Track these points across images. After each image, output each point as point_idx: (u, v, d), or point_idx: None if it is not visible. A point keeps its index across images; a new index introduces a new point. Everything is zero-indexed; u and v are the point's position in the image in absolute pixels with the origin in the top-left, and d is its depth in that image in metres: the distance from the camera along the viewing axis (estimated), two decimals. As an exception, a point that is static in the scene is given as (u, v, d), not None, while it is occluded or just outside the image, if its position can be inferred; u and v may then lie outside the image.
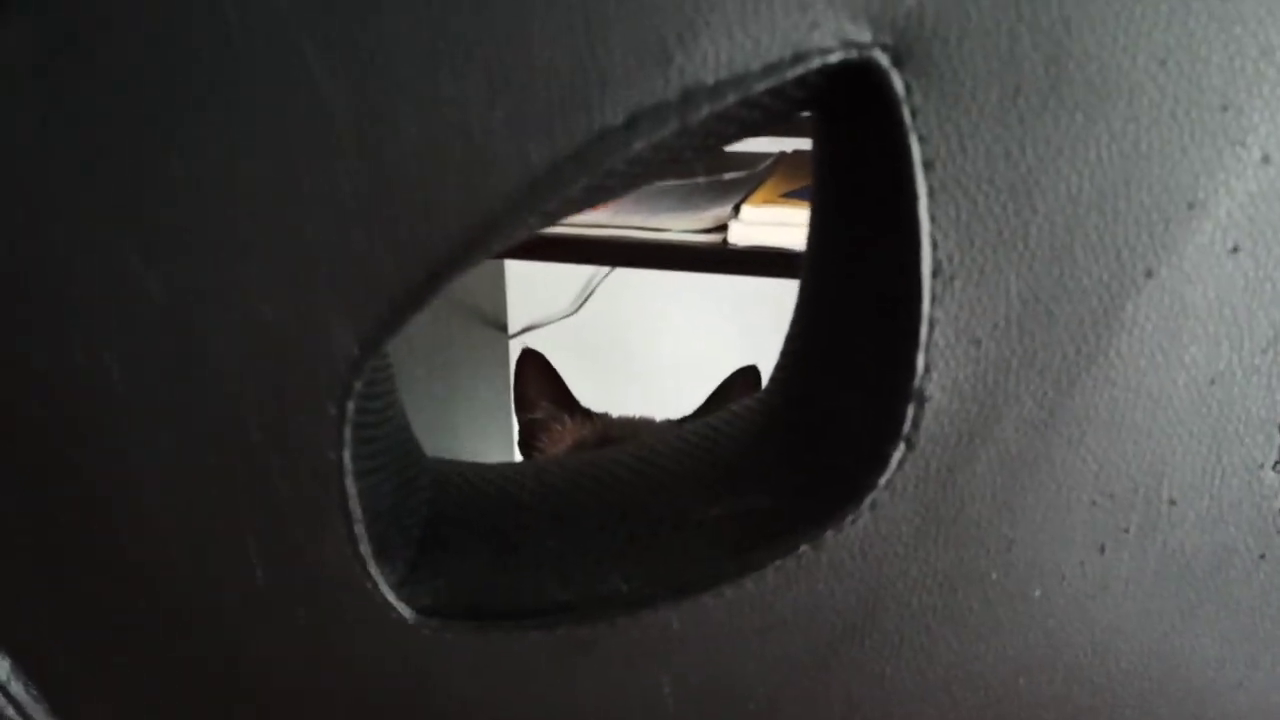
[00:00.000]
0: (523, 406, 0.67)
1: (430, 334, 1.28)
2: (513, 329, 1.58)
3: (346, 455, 0.18)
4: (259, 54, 0.15)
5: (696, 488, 0.21)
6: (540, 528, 0.21)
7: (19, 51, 0.15)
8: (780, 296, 1.04)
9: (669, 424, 0.64)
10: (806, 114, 0.18)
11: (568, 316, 1.53)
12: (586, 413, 0.66)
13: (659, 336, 1.53)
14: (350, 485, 0.18)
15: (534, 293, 1.54)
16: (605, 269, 1.46)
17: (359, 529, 0.19)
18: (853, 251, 0.19)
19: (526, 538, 0.21)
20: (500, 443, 1.54)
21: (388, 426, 0.21)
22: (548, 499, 0.22)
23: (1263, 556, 0.20)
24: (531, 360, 0.67)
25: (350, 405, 0.18)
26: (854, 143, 0.18)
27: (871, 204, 0.18)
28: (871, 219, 0.18)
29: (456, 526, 0.22)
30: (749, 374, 0.63)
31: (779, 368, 0.22)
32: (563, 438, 0.64)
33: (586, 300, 1.51)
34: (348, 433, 0.18)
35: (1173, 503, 0.19)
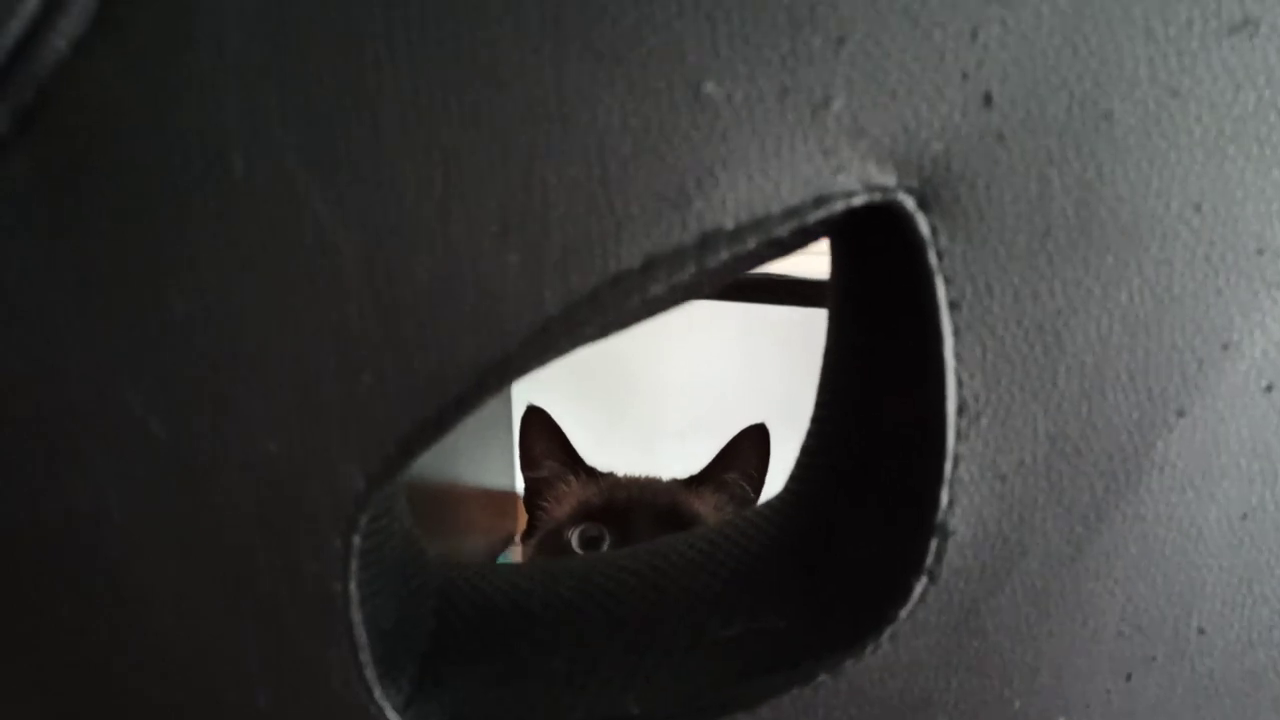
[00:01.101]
0: (528, 464, 0.67)
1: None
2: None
3: (352, 585, 0.18)
4: (264, 198, 0.15)
5: (709, 605, 0.21)
6: (548, 643, 0.21)
7: (23, 187, 0.15)
8: (783, 322, 1.03)
9: (675, 485, 0.64)
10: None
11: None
12: (591, 472, 0.65)
13: (663, 358, 1.53)
14: (355, 613, 0.18)
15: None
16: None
17: (364, 655, 0.18)
18: (874, 379, 0.19)
19: (534, 654, 0.21)
20: (500, 465, 1.53)
21: (393, 544, 0.20)
22: (556, 611, 0.21)
23: (1294, 683, 0.19)
24: (536, 418, 0.67)
25: (356, 539, 0.17)
26: (877, 276, 0.17)
27: (895, 336, 0.17)
28: (895, 351, 0.17)
29: (462, 641, 0.21)
30: (758, 433, 0.62)
31: (795, 479, 0.21)
32: (567, 497, 0.63)
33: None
34: (354, 564, 0.17)
35: (1202, 631, 0.19)
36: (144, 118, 0.14)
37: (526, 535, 0.66)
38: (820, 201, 0.15)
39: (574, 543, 0.60)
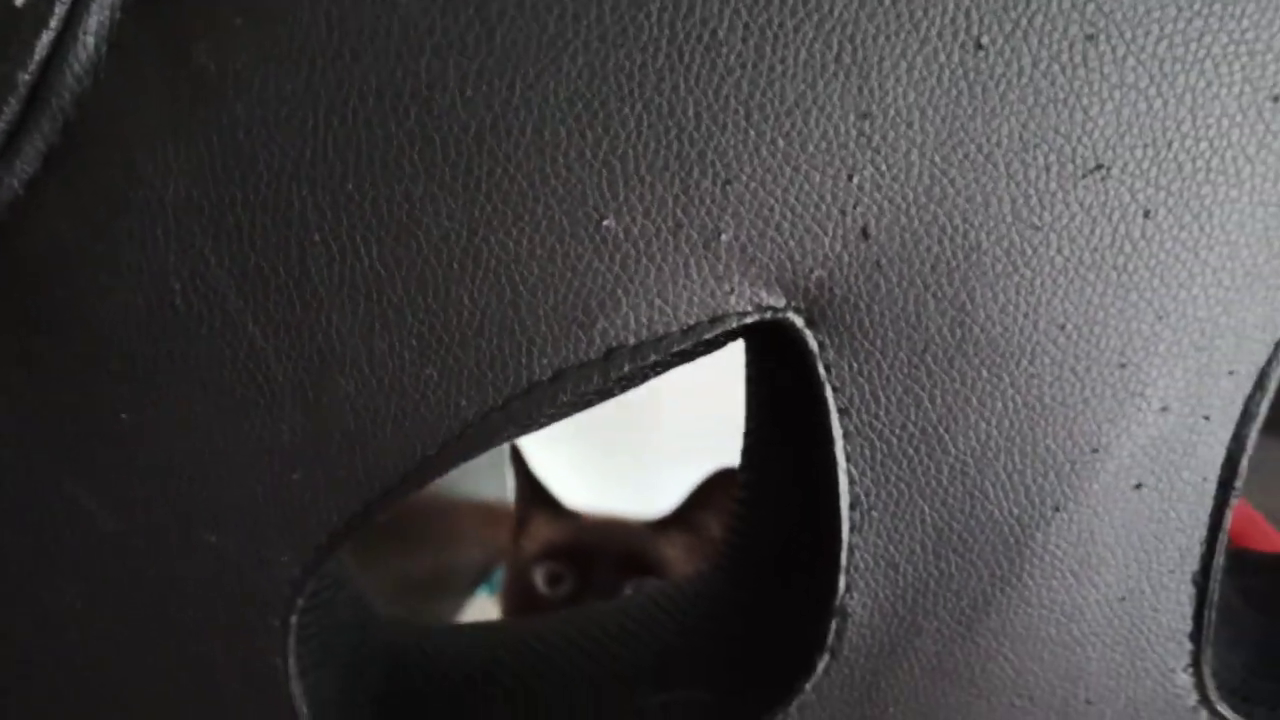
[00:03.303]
0: (519, 501, 0.68)
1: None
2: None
3: (291, 660, 0.19)
4: (202, 326, 0.16)
5: (641, 675, 0.22)
6: (486, 709, 0.22)
7: None
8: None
9: (643, 528, 0.65)
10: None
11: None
12: (559, 510, 0.67)
13: (662, 383, 1.53)
14: (295, 686, 0.19)
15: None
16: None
17: None
18: (784, 467, 0.20)
19: (478, 717, 0.22)
20: (493, 475, 1.54)
21: (337, 613, 0.21)
22: (500, 679, 0.23)
23: (1180, 748, 0.21)
24: (519, 457, 0.68)
25: (294, 619, 0.18)
26: (783, 378, 0.18)
27: (797, 433, 0.19)
28: (798, 446, 0.19)
29: (409, 707, 0.22)
30: (727, 478, 0.63)
31: (724, 554, 0.23)
32: (536, 536, 0.65)
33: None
34: (291, 641, 0.19)
35: (1089, 702, 0.20)
36: (91, 254, 0.15)
37: (508, 565, 0.68)
38: (716, 320, 0.16)
39: (539, 581, 0.62)
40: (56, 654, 0.19)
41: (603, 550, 0.61)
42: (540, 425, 0.18)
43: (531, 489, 0.67)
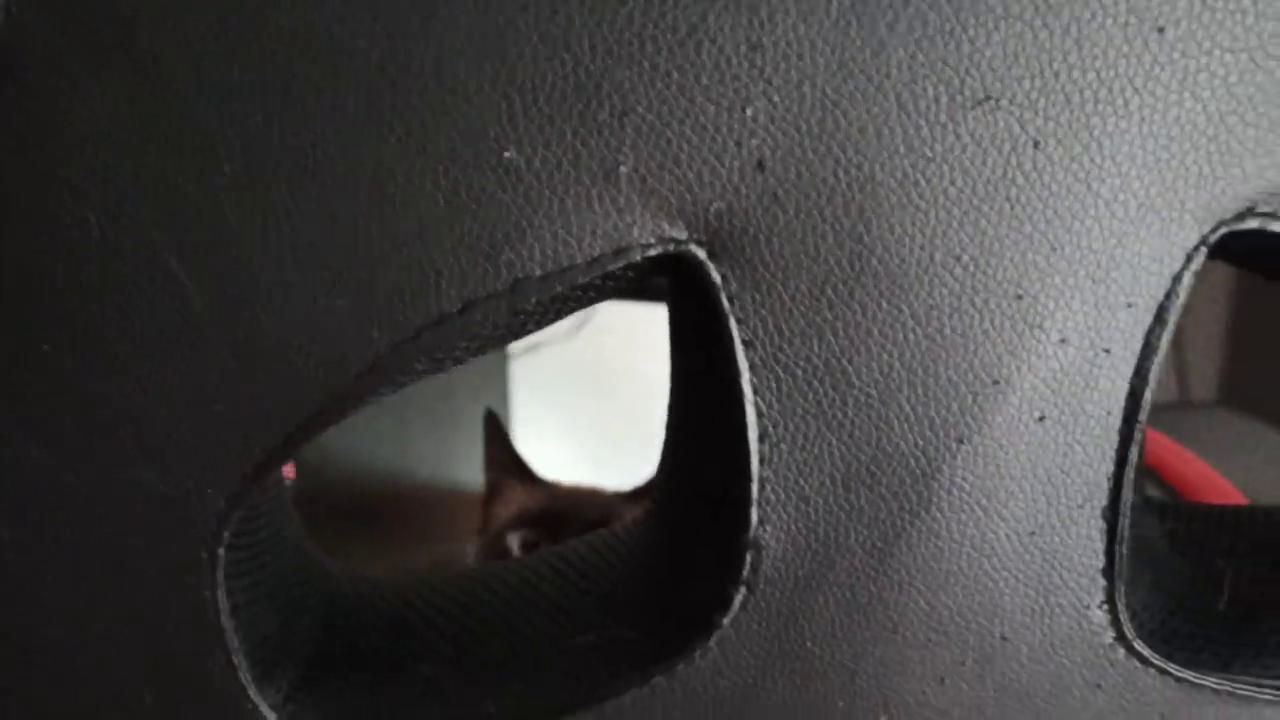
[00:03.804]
0: (488, 467, 0.69)
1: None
2: (514, 350, 1.60)
3: (221, 594, 0.19)
4: (121, 256, 0.16)
5: (571, 616, 0.22)
6: (421, 651, 0.23)
7: None
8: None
9: (616, 497, 0.66)
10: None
11: (569, 338, 1.55)
12: (535, 479, 0.67)
13: (657, 359, 1.54)
14: (226, 620, 0.20)
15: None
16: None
17: (237, 658, 0.20)
18: (701, 404, 0.20)
19: (407, 661, 0.22)
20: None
21: (274, 556, 0.22)
22: (434, 622, 0.23)
23: (1099, 686, 0.21)
24: (490, 423, 0.69)
25: (221, 552, 0.19)
26: (690, 313, 0.19)
27: (709, 368, 0.19)
28: (710, 381, 0.19)
29: (345, 648, 0.23)
30: None
31: (653, 498, 0.23)
32: (510, 503, 0.65)
33: (587, 322, 1.53)
34: (220, 575, 0.19)
35: (1005, 639, 0.20)
36: (8, 184, 0.16)
37: (481, 532, 0.69)
38: (620, 253, 0.17)
39: (513, 547, 0.62)
40: (3, 592, 0.19)
41: (575, 518, 0.62)
42: (454, 359, 0.18)
43: (505, 457, 0.68)
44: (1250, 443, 0.65)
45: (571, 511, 0.63)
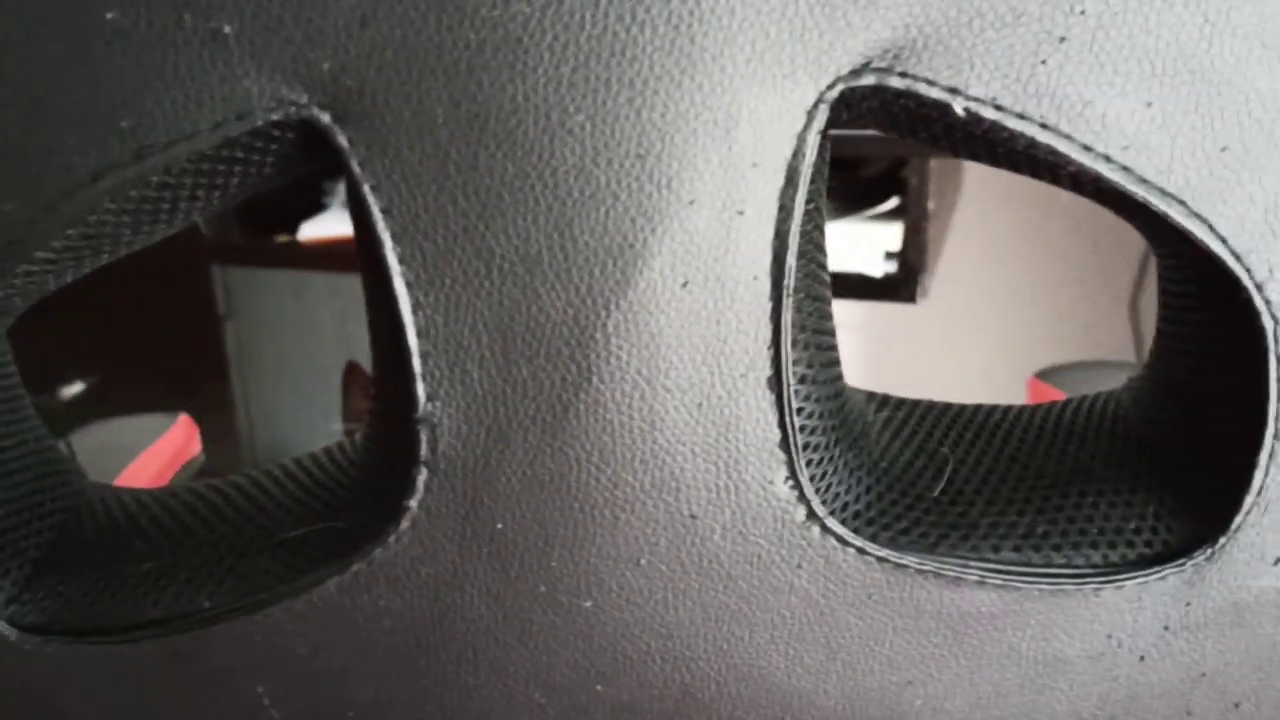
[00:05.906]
0: (348, 418, 0.69)
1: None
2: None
3: None
4: None
5: (288, 512, 0.23)
6: (145, 552, 0.23)
7: None
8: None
9: None
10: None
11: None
12: None
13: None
14: None
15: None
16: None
17: None
18: (370, 285, 0.20)
19: (132, 561, 0.23)
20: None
21: (8, 458, 0.22)
22: (163, 525, 0.23)
23: (799, 566, 0.21)
24: (355, 374, 0.69)
25: None
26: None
27: (364, 239, 0.19)
28: (368, 255, 0.19)
29: (76, 550, 0.23)
30: None
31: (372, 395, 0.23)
32: None
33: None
34: None
35: (694, 516, 0.20)
36: None
37: None
38: (242, 117, 0.17)
39: None
40: None
41: None
42: (109, 238, 0.18)
43: (365, 407, 0.68)
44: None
45: None
